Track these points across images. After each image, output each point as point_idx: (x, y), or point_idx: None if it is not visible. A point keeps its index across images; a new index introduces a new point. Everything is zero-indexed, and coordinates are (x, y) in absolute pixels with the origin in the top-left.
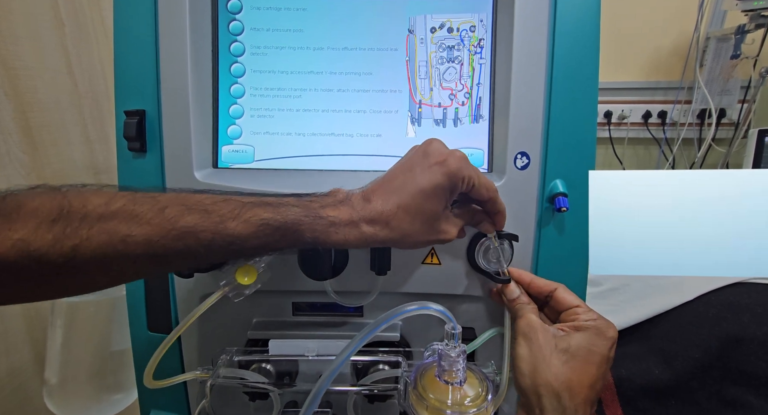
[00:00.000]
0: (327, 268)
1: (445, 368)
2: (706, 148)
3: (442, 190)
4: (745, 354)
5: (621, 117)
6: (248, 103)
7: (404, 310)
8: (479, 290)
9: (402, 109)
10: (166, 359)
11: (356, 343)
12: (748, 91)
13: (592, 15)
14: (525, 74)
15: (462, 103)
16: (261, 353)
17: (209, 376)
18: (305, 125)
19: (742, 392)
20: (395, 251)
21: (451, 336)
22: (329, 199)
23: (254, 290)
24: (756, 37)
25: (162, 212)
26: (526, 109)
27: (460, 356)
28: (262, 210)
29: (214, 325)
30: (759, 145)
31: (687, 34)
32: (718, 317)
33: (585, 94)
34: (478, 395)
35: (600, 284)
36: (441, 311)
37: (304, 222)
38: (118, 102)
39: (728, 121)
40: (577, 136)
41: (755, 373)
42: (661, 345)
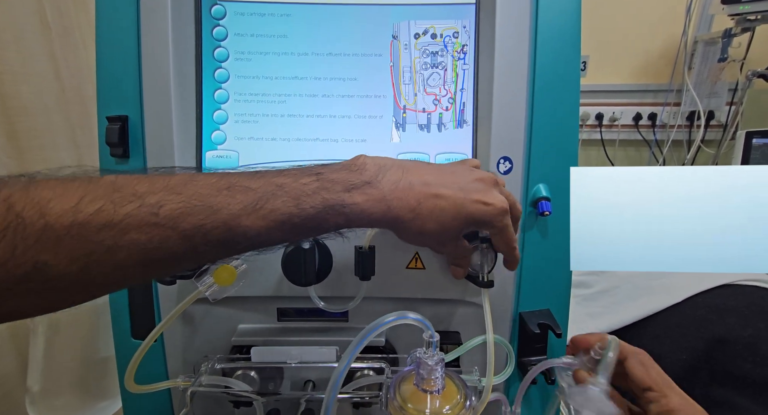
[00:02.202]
0: (311, 273)
1: (423, 377)
2: (695, 149)
3: (472, 221)
4: (731, 356)
5: (612, 119)
6: (232, 109)
7: (383, 322)
8: (464, 294)
9: (386, 115)
10: (150, 366)
11: (342, 367)
12: (736, 93)
13: (574, 21)
14: (507, 80)
15: (446, 108)
16: (243, 361)
17: (190, 383)
18: (290, 131)
19: (729, 393)
20: (380, 256)
21: (428, 344)
22: (355, 178)
23: (233, 291)
24: (742, 41)
25: (156, 213)
26: (509, 115)
27: (438, 365)
28: (280, 203)
29: (198, 331)
30: (747, 147)
31: (675, 38)
32: (704, 320)
33: (567, 100)
34: (457, 403)
35: (590, 287)
36: (419, 319)
37: (329, 213)
38: (100, 108)
39: (717, 123)
40: (560, 141)
41: (741, 374)
42: (649, 347)
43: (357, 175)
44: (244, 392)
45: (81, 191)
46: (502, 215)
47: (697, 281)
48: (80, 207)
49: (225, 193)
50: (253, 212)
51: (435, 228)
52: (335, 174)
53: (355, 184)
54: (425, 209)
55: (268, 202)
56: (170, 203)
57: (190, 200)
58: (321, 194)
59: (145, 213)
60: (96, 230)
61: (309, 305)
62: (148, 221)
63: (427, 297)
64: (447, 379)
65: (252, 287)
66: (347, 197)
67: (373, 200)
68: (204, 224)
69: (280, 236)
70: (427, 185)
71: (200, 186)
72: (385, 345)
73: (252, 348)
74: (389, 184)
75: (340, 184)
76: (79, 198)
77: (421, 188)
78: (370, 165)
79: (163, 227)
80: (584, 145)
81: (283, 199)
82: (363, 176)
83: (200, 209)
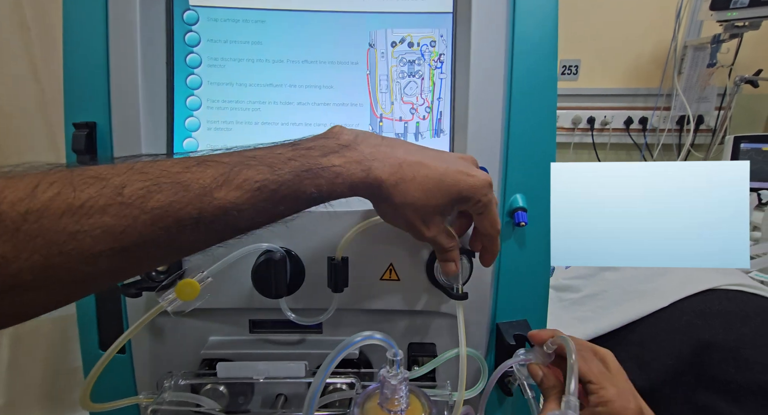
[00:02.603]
0: (281, 285)
1: (387, 396)
2: (685, 153)
3: (456, 192)
4: (715, 360)
5: (604, 123)
6: (205, 116)
7: (350, 343)
8: (439, 305)
9: (363, 123)
10: (117, 380)
11: (312, 395)
12: (724, 98)
13: (550, 31)
14: (483, 90)
15: (423, 117)
16: (209, 377)
17: (152, 401)
18: (264, 139)
19: (711, 398)
20: (353, 267)
21: (392, 363)
22: (331, 143)
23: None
24: (731, 47)
25: (119, 193)
26: (485, 125)
27: (402, 383)
28: (254, 171)
29: (168, 344)
30: (735, 151)
31: (666, 43)
32: (690, 324)
33: (543, 110)
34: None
35: (578, 291)
36: (383, 339)
37: (306, 177)
38: (67, 114)
39: (706, 127)
40: (536, 152)
41: (725, 379)
42: (636, 351)
43: (333, 140)
44: (210, 410)
45: (36, 179)
46: (487, 187)
47: (682, 285)
48: (36, 193)
49: (195, 168)
50: (225, 182)
51: (419, 197)
52: (311, 142)
53: (332, 148)
54: (408, 174)
55: (241, 172)
56: (136, 183)
57: (158, 179)
58: (297, 160)
59: (109, 193)
60: (56, 217)
61: (282, 317)
62: (113, 201)
63: (402, 309)
64: (412, 396)
65: (223, 298)
66: (325, 161)
67: (353, 162)
68: (174, 201)
69: (258, 209)
70: (410, 153)
71: (168, 165)
72: (359, 358)
73: (218, 363)
74: (369, 146)
75: (317, 149)
76: (35, 185)
77: (402, 154)
78: (346, 132)
79: (129, 206)
80: (576, 149)
81: (258, 168)
82: (340, 141)
83: (169, 186)
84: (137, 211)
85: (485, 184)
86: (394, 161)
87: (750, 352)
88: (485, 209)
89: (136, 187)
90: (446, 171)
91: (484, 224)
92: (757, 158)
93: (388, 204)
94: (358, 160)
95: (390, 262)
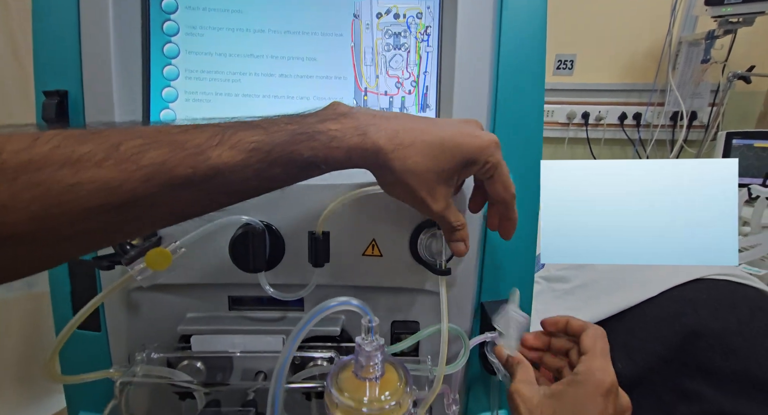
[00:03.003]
0: (260, 259)
1: (362, 364)
2: (678, 149)
3: (460, 154)
4: (702, 348)
5: (598, 118)
6: (183, 86)
7: (324, 308)
8: (423, 282)
9: (347, 97)
10: (92, 357)
11: (286, 355)
12: (717, 94)
13: (540, 7)
14: (469, 63)
15: (409, 91)
16: (184, 350)
17: (122, 374)
18: (245, 112)
19: (697, 385)
20: (334, 242)
21: (367, 330)
22: (329, 112)
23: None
24: (725, 43)
25: (116, 149)
26: (471, 100)
27: (376, 351)
28: (249, 133)
29: (144, 321)
30: (727, 147)
31: (661, 38)
32: (678, 313)
33: (532, 88)
34: (396, 390)
35: (569, 281)
36: (359, 305)
37: (300, 140)
38: (37, 82)
39: (699, 123)
40: (524, 130)
41: (711, 366)
42: (625, 340)
43: (331, 110)
44: (183, 382)
45: (35, 135)
46: (493, 147)
47: (671, 275)
48: (37, 145)
49: (192, 130)
50: (220, 143)
51: (420, 161)
52: (308, 114)
53: (329, 116)
54: (406, 139)
55: (236, 134)
56: (132, 140)
57: (154, 137)
58: (293, 124)
59: (106, 148)
60: (55, 168)
61: (262, 293)
62: (110, 155)
63: (385, 286)
64: (388, 366)
65: (200, 273)
66: (321, 126)
67: (349, 127)
68: (168, 159)
69: (252, 171)
70: (409, 121)
71: (165, 127)
72: (341, 335)
73: (192, 337)
74: (366, 116)
75: (314, 117)
76: (35, 138)
77: (401, 123)
78: (344, 105)
79: (125, 161)
80: (570, 144)
81: (253, 130)
82: (338, 110)
83: (163, 144)
84: (133, 166)
85: (491, 144)
86: (390, 128)
87: (736, 340)
88: (495, 170)
89: (132, 144)
90: (450, 135)
91: (497, 188)
92: (749, 154)
93: (388, 172)
94: (355, 126)
95: (372, 237)
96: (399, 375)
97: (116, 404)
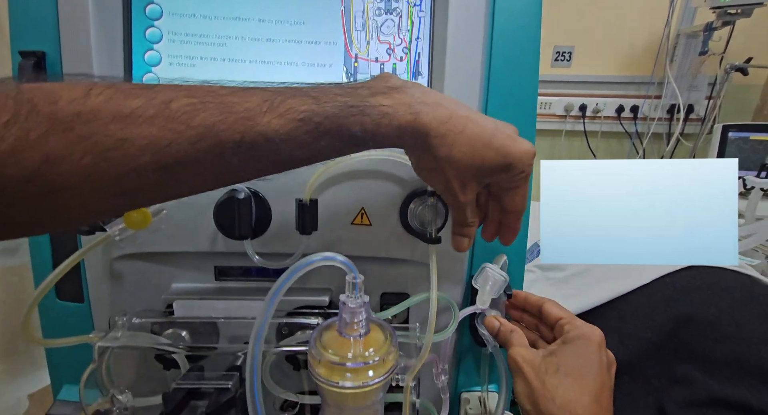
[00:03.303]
0: (245, 225)
1: (346, 321)
2: (674, 142)
3: (503, 156)
4: (693, 334)
5: (596, 110)
6: (166, 50)
7: (309, 261)
8: (413, 253)
9: (337, 63)
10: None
11: (266, 309)
12: (714, 87)
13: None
14: (462, 29)
15: (400, 58)
16: (167, 316)
17: (100, 339)
18: (231, 77)
19: (688, 370)
20: (322, 210)
21: (352, 286)
22: (380, 85)
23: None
24: (723, 35)
25: (167, 106)
26: (463, 67)
27: (361, 308)
28: (299, 101)
29: (128, 291)
30: (723, 140)
31: (660, 31)
32: (670, 299)
33: (527, 56)
34: (381, 347)
35: (563, 270)
36: (344, 262)
37: (352, 113)
38: (13, 41)
39: (696, 116)
40: (519, 100)
41: (702, 351)
42: (617, 326)
43: (383, 83)
44: (165, 346)
45: (89, 84)
46: (531, 157)
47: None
48: (90, 95)
49: (240, 92)
50: (270, 109)
51: (466, 152)
52: (359, 85)
53: (380, 89)
54: (457, 126)
55: (286, 101)
56: (182, 99)
57: (204, 97)
58: (344, 96)
59: (157, 105)
60: (107, 121)
61: (249, 263)
62: (160, 113)
63: (374, 256)
64: (373, 325)
65: (185, 241)
66: (373, 100)
67: (401, 104)
68: (218, 121)
69: (299, 142)
70: (459, 106)
71: (213, 88)
72: (330, 306)
73: (174, 302)
74: (419, 92)
75: (365, 89)
76: (88, 89)
77: (453, 106)
78: (396, 77)
79: (175, 120)
80: (568, 136)
81: (303, 99)
82: (389, 83)
83: (214, 106)
84: (182, 126)
85: (531, 154)
86: (444, 111)
87: (727, 325)
88: (524, 182)
89: (183, 103)
90: (495, 132)
91: (517, 200)
92: (744, 147)
93: (430, 156)
94: (407, 103)
95: (362, 206)
96: (385, 334)
97: (95, 369)
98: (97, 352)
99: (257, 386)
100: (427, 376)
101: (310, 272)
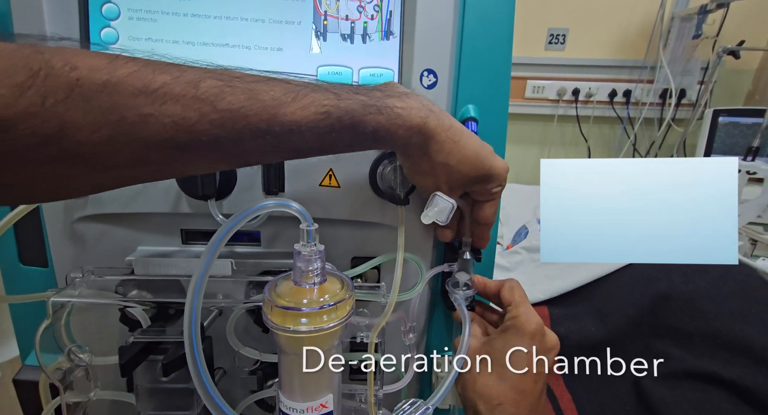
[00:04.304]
0: (209, 185)
1: (302, 270)
2: (665, 128)
3: (487, 169)
4: (672, 310)
5: (588, 95)
6: (125, 3)
7: (260, 205)
8: (384, 217)
9: (305, 21)
10: (37, 290)
11: (211, 247)
12: (707, 72)
13: None
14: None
15: (371, 16)
16: (126, 274)
17: (54, 294)
18: (194, 33)
19: (665, 345)
20: (289, 171)
21: (306, 234)
22: (391, 89)
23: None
24: (717, 18)
25: (194, 87)
26: (434, 22)
27: (316, 256)
28: (321, 95)
29: (91, 254)
30: (713, 125)
31: (654, 13)
32: (651, 278)
33: (500, 14)
34: (335, 294)
35: None
36: (298, 208)
37: (370, 111)
38: None
39: (688, 101)
40: (491, 59)
41: (679, 327)
42: (599, 305)
43: (392, 88)
44: (121, 301)
45: (109, 55)
46: (506, 172)
47: None
48: (115, 65)
49: (264, 81)
50: (293, 100)
51: (459, 160)
52: (371, 87)
53: (393, 93)
54: (456, 135)
55: (309, 94)
56: (210, 80)
57: (232, 80)
58: (363, 95)
59: (185, 83)
60: (131, 95)
61: (216, 226)
62: (188, 92)
63: (343, 219)
64: (330, 276)
65: (149, 201)
66: (388, 101)
67: (413, 108)
68: (244, 106)
69: (318, 134)
70: (454, 120)
71: (239, 73)
72: None
73: (134, 259)
74: (426, 100)
75: (380, 91)
76: (114, 57)
77: (450, 118)
78: (402, 86)
79: (203, 101)
80: (560, 121)
81: (325, 93)
82: (399, 89)
83: (241, 91)
84: (209, 108)
85: (507, 170)
86: (446, 119)
87: (704, 302)
88: (497, 196)
89: (210, 84)
90: (483, 146)
91: (487, 213)
92: (734, 132)
93: (428, 160)
94: (418, 108)
95: (330, 167)
96: (342, 284)
97: (50, 325)
98: (51, 308)
99: (196, 338)
100: (398, 337)
101: (283, 236)
